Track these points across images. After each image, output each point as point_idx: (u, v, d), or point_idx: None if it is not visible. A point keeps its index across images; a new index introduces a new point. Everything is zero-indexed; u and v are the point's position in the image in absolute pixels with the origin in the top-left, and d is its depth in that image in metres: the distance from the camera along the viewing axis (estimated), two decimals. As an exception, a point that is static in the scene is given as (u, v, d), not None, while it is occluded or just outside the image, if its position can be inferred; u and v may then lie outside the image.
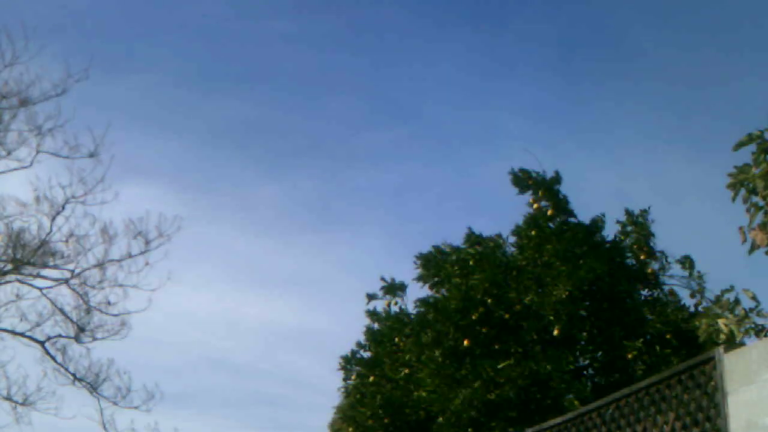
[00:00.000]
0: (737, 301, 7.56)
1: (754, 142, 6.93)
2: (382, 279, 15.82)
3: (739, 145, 6.99)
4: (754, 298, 7.49)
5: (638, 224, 13.14)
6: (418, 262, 14.13)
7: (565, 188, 13.54)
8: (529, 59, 36.92)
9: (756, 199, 6.94)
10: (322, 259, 39.54)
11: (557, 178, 13.46)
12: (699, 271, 12.24)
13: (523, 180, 13.50)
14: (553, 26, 35.96)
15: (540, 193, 13.39)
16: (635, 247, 13.11)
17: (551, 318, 12.07)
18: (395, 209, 38.82)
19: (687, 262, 12.33)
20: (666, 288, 12.96)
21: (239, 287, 38.65)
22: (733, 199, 7.03)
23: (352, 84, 37.41)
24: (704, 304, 11.71)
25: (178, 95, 37.69)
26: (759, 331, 7.34)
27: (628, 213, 13.29)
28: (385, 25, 36.03)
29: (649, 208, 13.28)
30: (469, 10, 34.35)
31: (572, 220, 13.36)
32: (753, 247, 6.93)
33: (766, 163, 6.90)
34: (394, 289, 15.76)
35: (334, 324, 40.62)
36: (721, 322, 7.33)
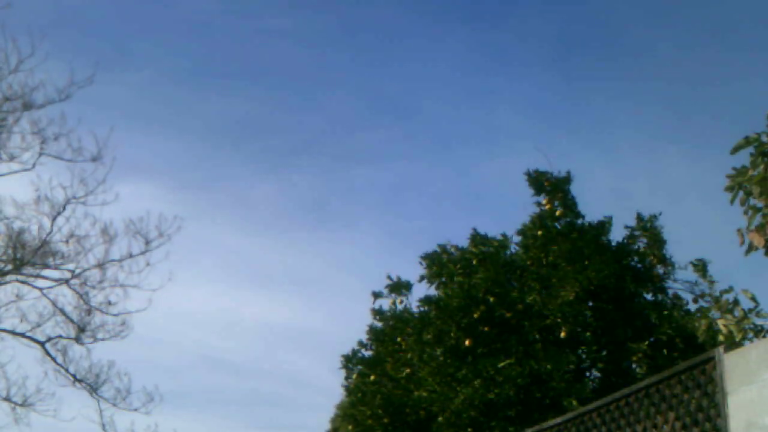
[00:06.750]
0: (736, 302, 7.62)
1: (752, 145, 6.99)
2: (388, 277, 15.74)
3: (737, 149, 7.06)
4: (753, 298, 7.54)
5: (649, 230, 13.15)
6: (424, 262, 14.05)
7: (572, 189, 13.64)
8: (528, 57, 37.02)
9: (754, 201, 7.01)
10: (321, 258, 39.61)
11: (568, 178, 13.52)
12: (710, 275, 12.16)
13: (538, 182, 13.54)
14: (553, 24, 36.06)
15: (554, 196, 13.43)
16: (648, 252, 13.09)
17: (558, 320, 12.11)
18: (393, 207, 38.90)
19: (701, 265, 12.28)
20: (670, 292, 13.03)
21: (238, 286, 38.72)
22: (732, 202, 7.11)
23: (350, 82, 37.47)
24: (705, 305, 11.71)
25: (175, 93, 37.74)
26: (758, 332, 7.41)
27: (639, 217, 13.31)
28: (383, 22, 36.09)
29: (659, 213, 13.37)
30: (468, 8, 34.43)
31: (579, 221, 13.41)
32: (750, 249, 7.02)
33: (763, 166, 6.98)
34: (399, 287, 15.68)
35: (333, 323, 40.68)
36: (720, 322, 7.39)
